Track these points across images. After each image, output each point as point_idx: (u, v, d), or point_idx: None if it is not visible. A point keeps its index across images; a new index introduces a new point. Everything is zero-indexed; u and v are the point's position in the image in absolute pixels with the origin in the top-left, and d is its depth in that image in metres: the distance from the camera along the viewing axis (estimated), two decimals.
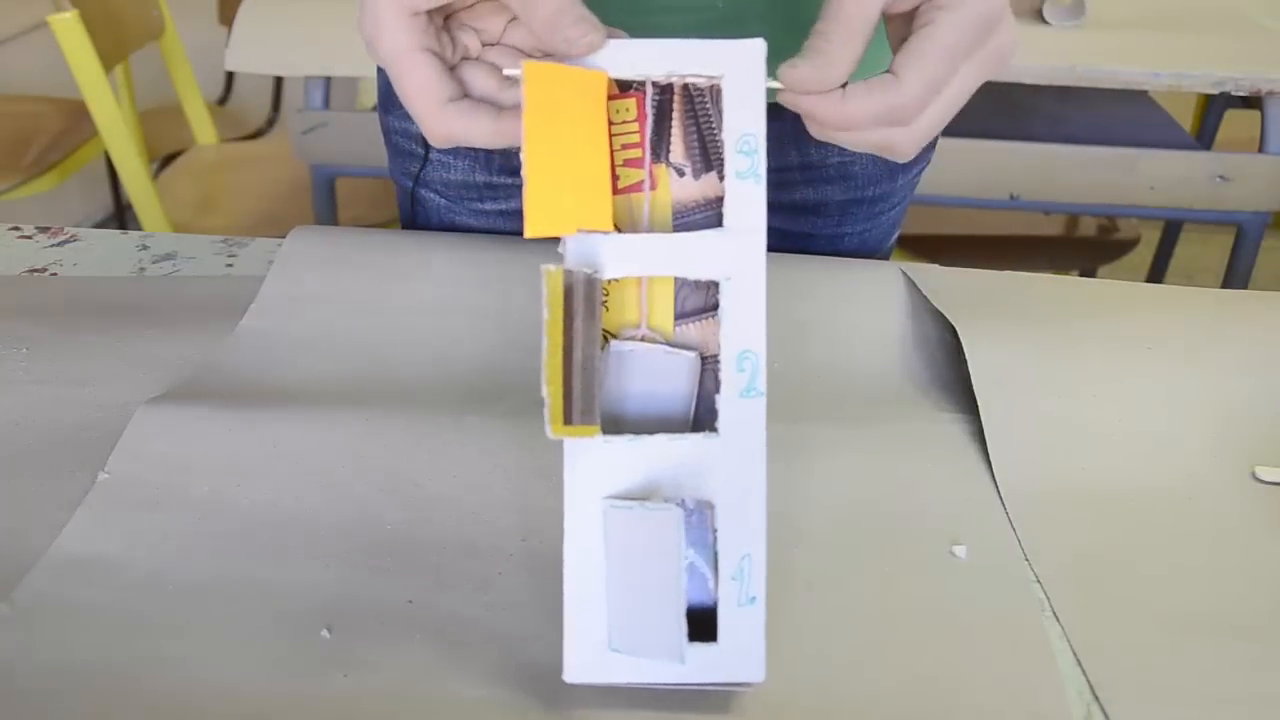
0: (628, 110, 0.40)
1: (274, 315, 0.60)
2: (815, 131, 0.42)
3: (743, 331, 0.39)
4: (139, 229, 0.99)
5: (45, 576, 0.43)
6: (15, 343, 0.58)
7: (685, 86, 0.40)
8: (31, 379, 0.55)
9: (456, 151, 0.68)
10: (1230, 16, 1.58)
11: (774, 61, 0.40)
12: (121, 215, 2.34)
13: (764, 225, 0.39)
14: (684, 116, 0.41)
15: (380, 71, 0.71)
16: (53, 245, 0.69)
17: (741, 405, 0.39)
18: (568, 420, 0.37)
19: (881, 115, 0.40)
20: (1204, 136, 1.82)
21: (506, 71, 0.42)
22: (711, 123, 0.40)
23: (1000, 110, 1.63)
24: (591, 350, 0.39)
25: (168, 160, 1.98)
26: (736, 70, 0.39)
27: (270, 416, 0.52)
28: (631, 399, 0.41)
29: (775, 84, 0.40)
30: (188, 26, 1.87)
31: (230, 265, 0.68)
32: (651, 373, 0.41)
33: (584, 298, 0.38)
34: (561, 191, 0.38)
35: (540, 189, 0.37)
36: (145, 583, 0.43)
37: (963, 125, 1.55)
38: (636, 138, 0.41)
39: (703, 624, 0.39)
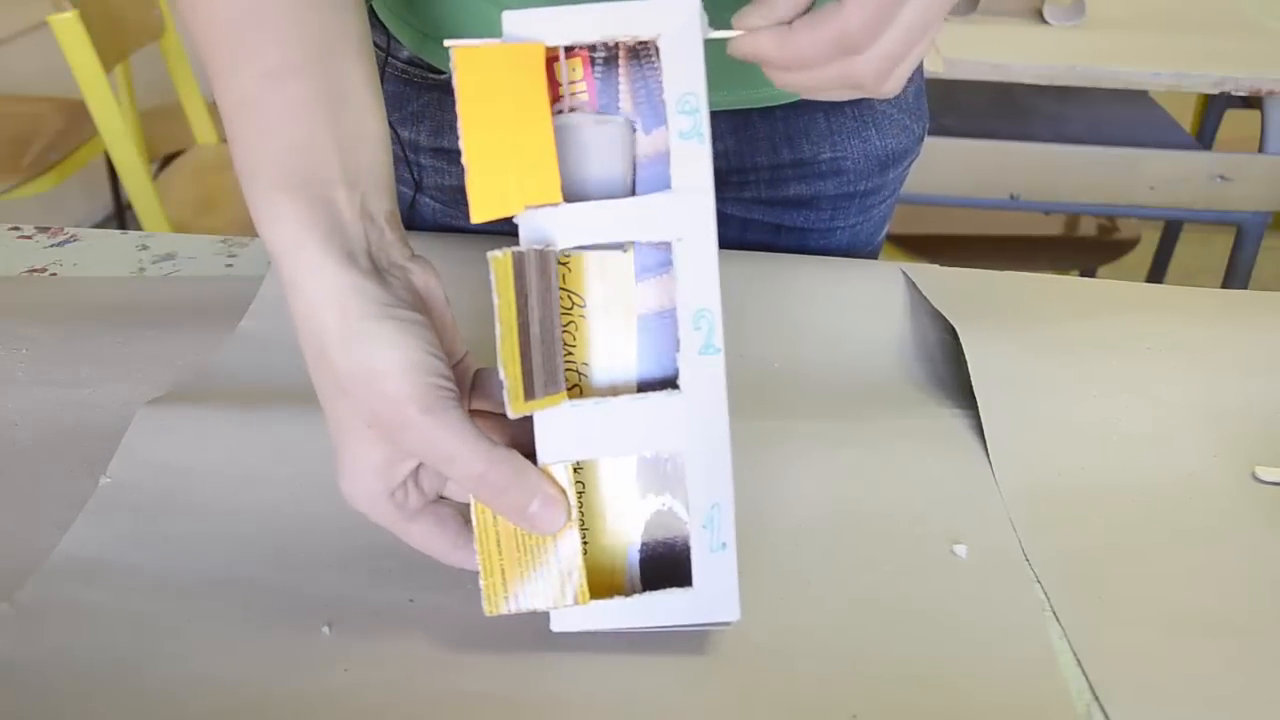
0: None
1: (273, 315, 0.60)
2: (777, 80, 0.41)
3: (697, 290, 0.39)
4: (139, 229, 0.99)
5: (48, 577, 0.43)
6: (15, 343, 0.58)
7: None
8: (31, 379, 0.55)
9: (451, 156, 0.68)
10: (1230, 16, 1.58)
11: (728, 16, 0.39)
12: (121, 215, 2.34)
13: (711, 184, 0.39)
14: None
15: None
16: (53, 245, 0.69)
17: (701, 362, 0.40)
18: (529, 396, 0.38)
19: (831, 46, 0.39)
20: (1204, 136, 1.82)
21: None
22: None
23: (1000, 110, 1.63)
24: (551, 321, 0.39)
25: (168, 160, 1.98)
26: (672, 29, 0.38)
27: (271, 417, 0.52)
28: (569, 173, 0.40)
29: (729, 33, 0.40)
30: None
31: (230, 265, 0.68)
32: (585, 146, 0.41)
33: (538, 272, 0.39)
34: (505, 172, 0.38)
35: (482, 173, 0.38)
36: (148, 584, 0.43)
37: (963, 125, 1.55)
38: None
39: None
